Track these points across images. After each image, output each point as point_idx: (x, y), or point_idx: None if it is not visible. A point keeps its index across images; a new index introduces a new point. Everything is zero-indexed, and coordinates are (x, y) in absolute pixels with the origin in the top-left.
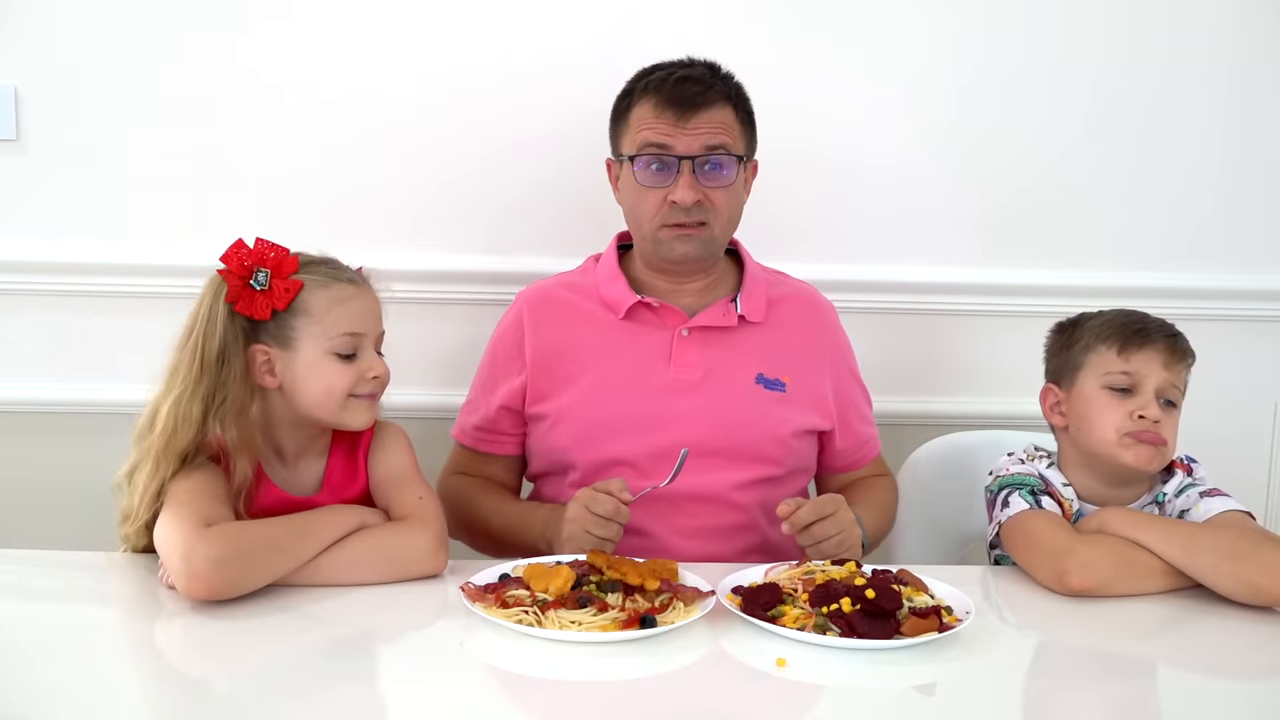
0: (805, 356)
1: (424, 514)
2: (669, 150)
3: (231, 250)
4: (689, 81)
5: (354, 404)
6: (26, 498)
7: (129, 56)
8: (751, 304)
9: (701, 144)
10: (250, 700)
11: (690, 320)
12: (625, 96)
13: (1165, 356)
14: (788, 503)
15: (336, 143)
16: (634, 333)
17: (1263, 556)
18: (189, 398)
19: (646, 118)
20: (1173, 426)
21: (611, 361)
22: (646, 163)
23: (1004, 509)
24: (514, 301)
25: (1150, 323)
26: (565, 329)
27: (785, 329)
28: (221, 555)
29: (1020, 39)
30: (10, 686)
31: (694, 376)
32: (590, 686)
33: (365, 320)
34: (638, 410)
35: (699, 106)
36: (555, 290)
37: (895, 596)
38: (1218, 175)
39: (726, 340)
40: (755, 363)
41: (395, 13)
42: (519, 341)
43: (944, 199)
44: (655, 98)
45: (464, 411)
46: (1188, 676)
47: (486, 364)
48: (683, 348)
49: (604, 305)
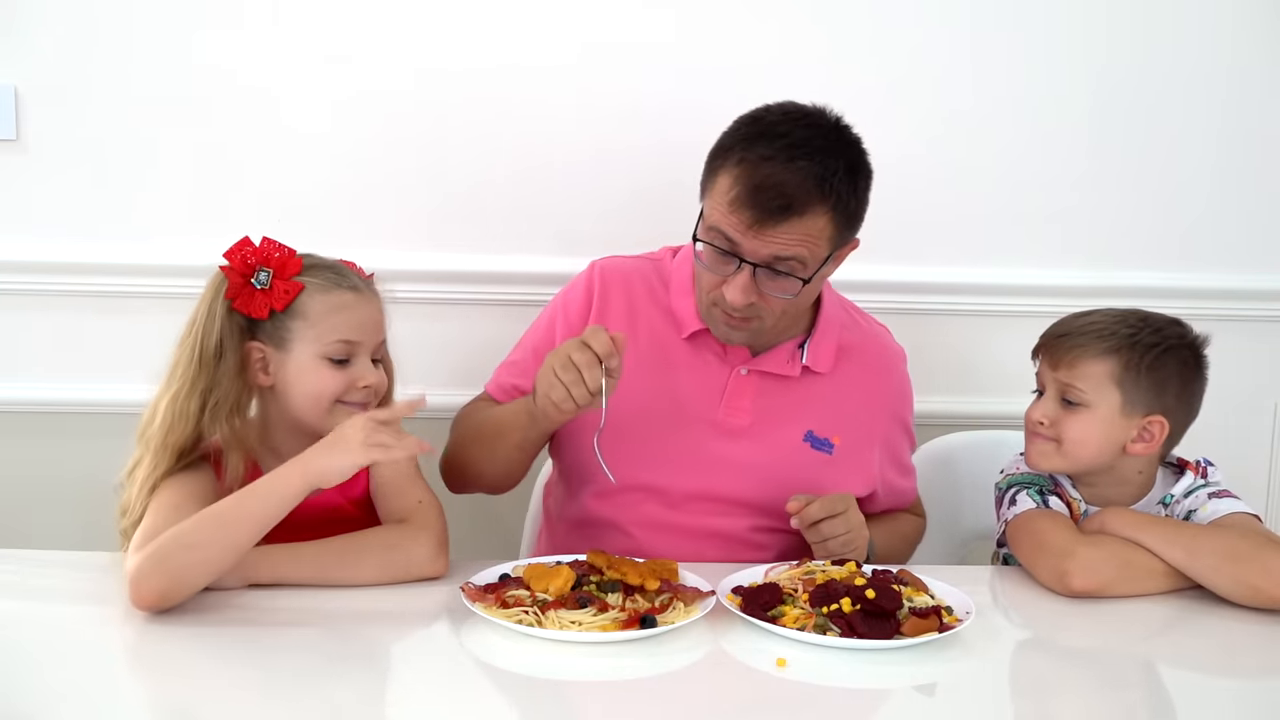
0: (861, 415)
1: (424, 517)
2: (735, 249)
3: (236, 247)
4: (779, 191)
5: (341, 411)
6: (26, 498)
7: (129, 56)
8: (819, 353)
9: (771, 254)
10: (250, 700)
11: (752, 360)
12: (720, 153)
13: (1051, 357)
14: (797, 498)
15: (340, 143)
16: (692, 357)
17: (1264, 559)
18: (186, 393)
19: (723, 202)
20: (1075, 426)
21: (664, 380)
22: (708, 249)
23: (1011, 507)
24: (587, 270)
25: (1064, 325)
26: (631, 317)
27: (848, 383)
28: (139, 568)
29: (1020, 38)
30: (11, 686)
31: (742, 423)
32: (590, 686)
33: (362, 329)
34: (678, 445)
35: (782, 218)
36: (632, 276)
37: (895, 596)
38: (1217, 175)
39: (784, 389)
40: (808, 418)
41: (399, 14)
42: (584, 313)
43: (943, 199)
44: (739, 188)
45: (505, 370)
46: (1188, 677)
47: (542, 326)
48: (738, 388)
49: (670, 316)
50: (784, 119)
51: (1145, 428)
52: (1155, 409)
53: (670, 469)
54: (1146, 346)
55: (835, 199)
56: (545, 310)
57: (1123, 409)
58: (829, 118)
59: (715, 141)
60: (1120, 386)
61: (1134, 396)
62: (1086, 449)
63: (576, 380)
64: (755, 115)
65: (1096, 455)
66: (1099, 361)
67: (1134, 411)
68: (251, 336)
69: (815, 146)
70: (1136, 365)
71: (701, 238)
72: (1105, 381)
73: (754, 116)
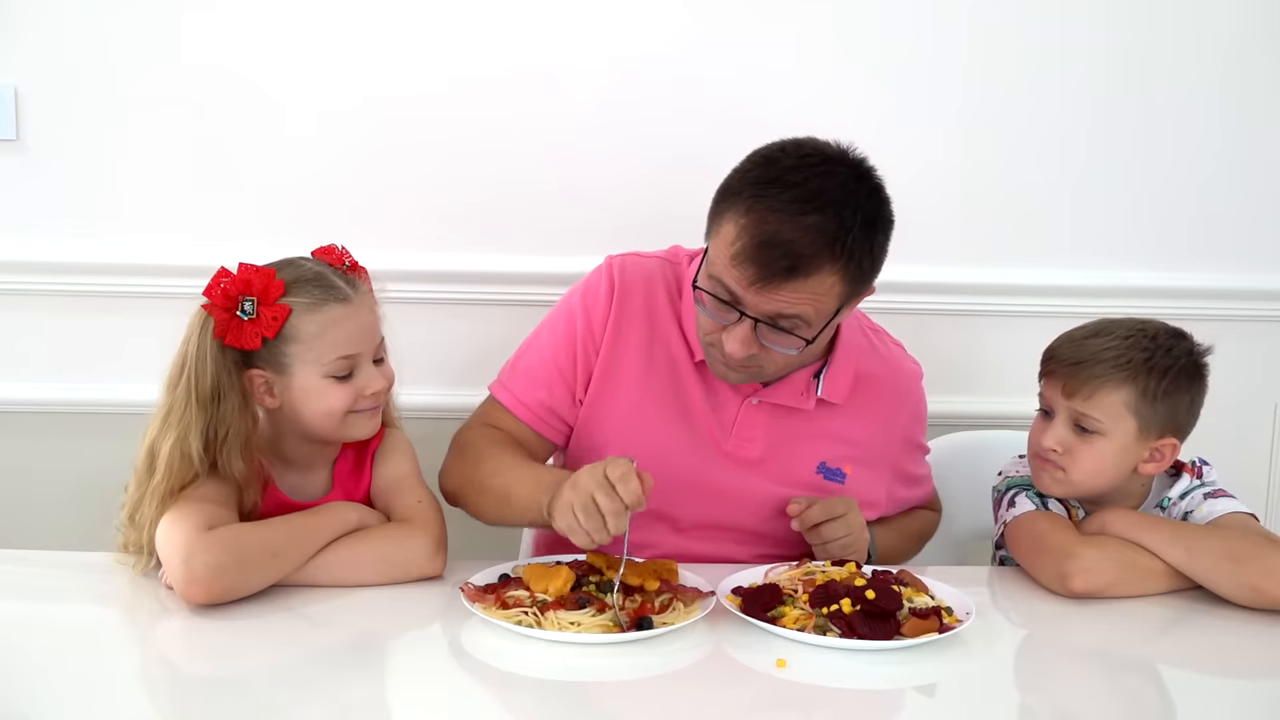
0: (875, 443)
1: (423, 517)
2: (736, 302)
3: (214, 281)
4: (786, 250)
5: (355, 419)
6: (26, 498)
7: (129, 56)
8: (835, 384)
9: (775, 311)
10: (250, 700)
11: (764, 391)
12: (728, 195)
13: (1066, 385)
14: (798, 501)
15: (339, 143)
16: (704, 383)
17: (1264, 559)
18: (188, 438)
19: (726, 253)
20: (1089, 455)
21: (677, 405)
22: (707, 299)
23: (1010, 509)
24: (605, 268)
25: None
26: (646, 338)
27: (864, 412)
28: (220, 561)
29: (1021, 38)
30: (11, 686)
31: (753, 454)
32: (590, 687)
33: (359, 340)
34: (689, 473)
35: (787, 279)
36: (653, 278)
37: (895, 597)
38: (1218, 175)
39: (797, 420)
40: (821, 450)
41: (398, 14)
42: (604, 318)
43: (943, 199)
44: (743, 241)
45: (521, 379)
46: (1189, 677)
47: (562, 330)
48: (748, 418)
49: (684, 334)
50: (800, 164)
51: (1158, 449)
52: (1169, 431)
53: (679, 497)
54: (1161, 372)
55: (847, 257)
56: (560, 310)
57: (1137, 435)
58: (848, 161)
59: (725, 179)
60: (1136, 413)
61: (1148, 421)
62: (1100, 478)
63: (600, 529)
64: (769, 156)
65: (1110, 481)
66: (1115, 391)
67: (1148, 436)
68: (249, 365)
69: (829, 199)
70: (1153, 392)
71: (702, 285)
72: (1121, 410)
73: (767, 157)
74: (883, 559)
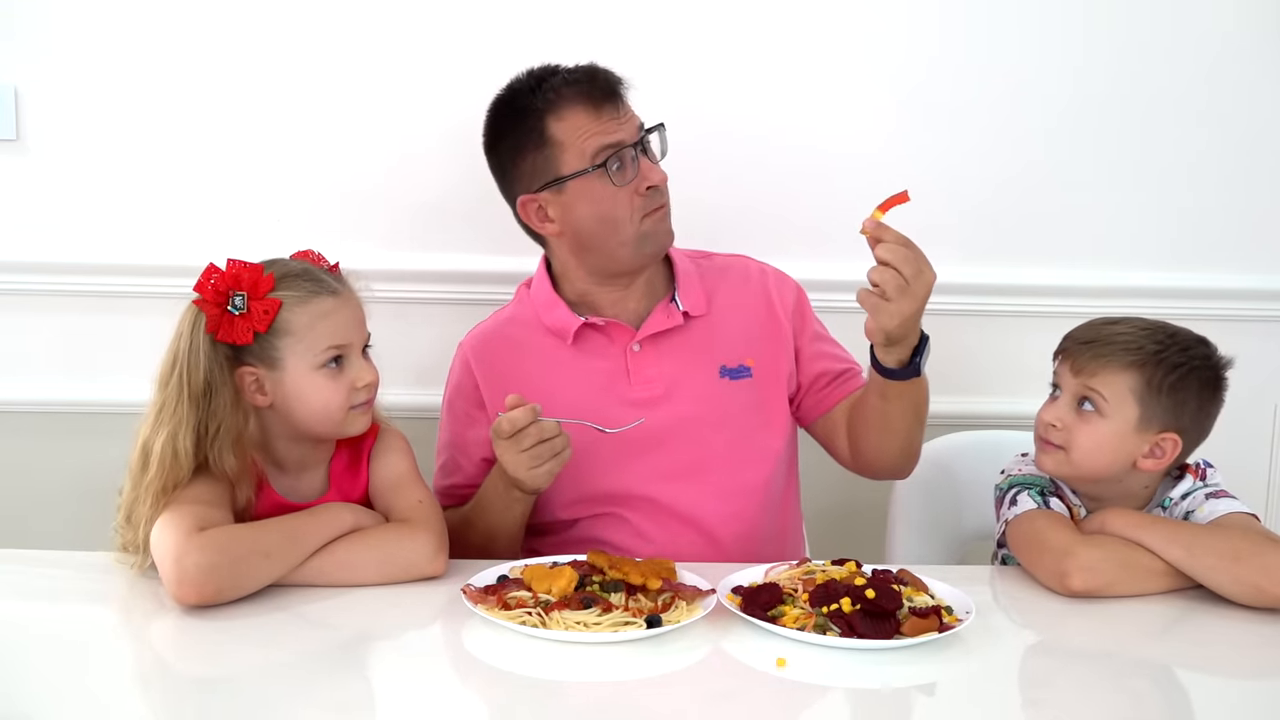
0: (756, 328)
1: (423, 517)
2: (624, 144)
3: (204, 277)
4: (598, 76)
5: (352, 415)
6: (26, 498)
7: (129, 56)
8: (691, 298)
9: (635, 126)
10: (250, 701)
11: (638, 333)
12: (526, 120)
13: (1075, 362)
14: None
15: (335, 142)
16: (586, 356)
17: (1265, 558)
18: (181, 434)
19: (585, 125)
20: (1087, 434)
21: (570, 390)
22: (611, 164)
23: (1011, 507)
24: (456, 352)
25: (1091, 331)
26: (516, 365)
27: (729, 309)
28: (212, 562)
29: (1021, 37)
30: (10, 687)
31: (659, 390)
32: (589, 687)
33: (349, 331)
34: (618, 440)
35: (620, 93)
36: (495, 329)
37: (895, 596)
38: (1218, 175)
39: (679, 343)
40: (712, 356)
41: (396, 14)
42: (474, 389)
43: (945, 199)
44: (584, 103)
45: (440, 475)
46: (1189, 676)
47: (449, 422)
48: (639, 364)
49: (549, 333)
50: (542, 69)
51: (1158, 444)
52: (1170, 427)
53: (616, 469)
54: (1171, 365)
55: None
56: (443, 411)
57: (1138, 424)
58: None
59: (508, 134)
60: (1140, 401)
61: (1151, 413)
62: (1097, 459)
63: (538, 453)
64: (517, 87)
65: (1107, 467)
66: (1122, 373)
67: (1149, 427)
68: (240, 362)
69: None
70: (1159, 383)
71: (600, 162)
72: (1125, 394)
73: (518, 87)
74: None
